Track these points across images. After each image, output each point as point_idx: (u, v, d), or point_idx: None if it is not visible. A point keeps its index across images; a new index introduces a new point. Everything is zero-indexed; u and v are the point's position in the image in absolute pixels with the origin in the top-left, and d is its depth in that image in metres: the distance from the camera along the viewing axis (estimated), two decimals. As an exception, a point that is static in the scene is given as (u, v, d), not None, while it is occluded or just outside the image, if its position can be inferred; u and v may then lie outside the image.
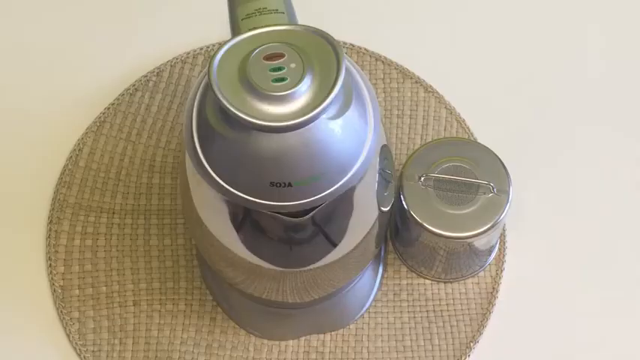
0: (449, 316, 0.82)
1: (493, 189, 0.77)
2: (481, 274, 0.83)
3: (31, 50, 0.92)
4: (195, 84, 0.62)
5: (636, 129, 0.90)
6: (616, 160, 0.89)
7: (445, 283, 0.83)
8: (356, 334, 0.81)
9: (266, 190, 0.59)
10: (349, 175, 0.60)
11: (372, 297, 0.82)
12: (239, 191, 0.60)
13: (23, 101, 0.90)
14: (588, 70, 0.93)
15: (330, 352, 0.81)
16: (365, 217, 0.69)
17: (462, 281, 0.83)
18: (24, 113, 0.90)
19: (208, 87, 0.58)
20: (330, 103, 0.57)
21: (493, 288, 0.83)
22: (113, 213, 0.85)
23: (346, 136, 0.59)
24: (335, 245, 0.68)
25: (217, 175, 0.60)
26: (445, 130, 0.89)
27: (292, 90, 0.57)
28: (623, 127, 0.90)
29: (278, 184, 0.59)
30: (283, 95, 0.57)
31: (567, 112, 0.91)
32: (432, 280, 0.83)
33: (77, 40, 0.92)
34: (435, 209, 0.76)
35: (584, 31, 0.95)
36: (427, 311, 0.82)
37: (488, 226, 0.76)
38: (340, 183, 0.60)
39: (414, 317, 0.82)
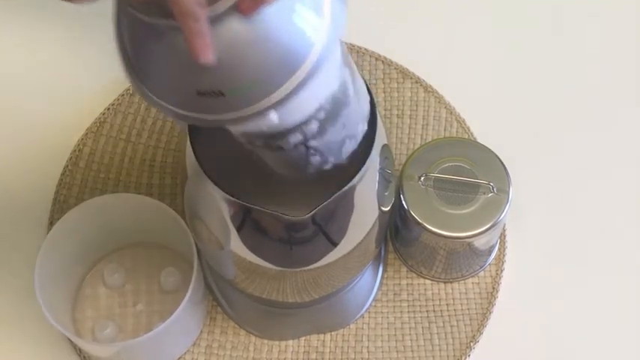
0: (449, 316, 0.82)
1: (493, 189, 0.77)
2: (481, 274, 0.83)
3: (31, 51, 0.92)
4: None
5: (637, 129, 0.90)
6: (616, 160, 0.89)
7: (445, 283, 0.83)
8: (356, 334, 0.81)
9: (194, 100, 0.52)
10: (294, 83, 0.52)
11: (372, 297, 0.82)
12: (167, 103, 0.54)
13: (23, 102, 0.90)
14: (588, 70, 0.93)
15: (330, 352, 0.81)
16: (365, 217, 0.69)
17: (462, 281, 0.83)
18: (24, 114, 0.90)
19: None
20: None
21: (493, 288, 0.83)
22: (113, 213, 0.85)
23: (286, 31, 0.51)
24: (335, 245, 0.68)
25: (147, 87, 0.54)
26: (445, 130, 0.89)
27: None
28: (623, 127, 0.90)
29: (207, 94, 0.52)
30: None
31: (567, 112, 0.91)
32: (432, 280, 0.83)
33: (77, 40, 0.92)
34: (435, 209, 0.76)
35: (585, 31, 0.95)
36: (427, 311, 0.82)
37: (488, 226, 0.76)
38: (284, 90, 0.52)
39: (414, 317, 0.82)
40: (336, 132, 0.58)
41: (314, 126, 0.57)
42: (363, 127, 0.62)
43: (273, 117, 0.54)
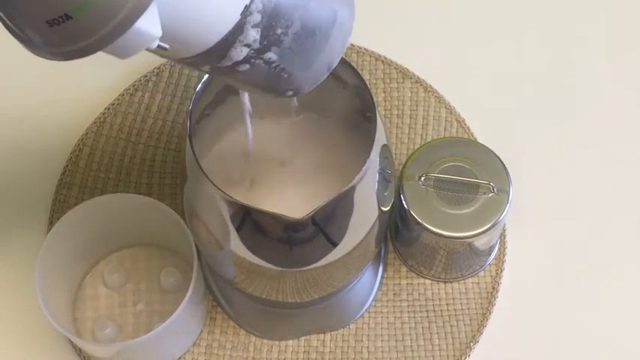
0: (449, 316, 0.82)
1: (493, 189, 0.77)
2: (481, 274, 0.83)
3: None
4: None
5: (637, 129, 0.90)
6: (617, 159, 0.89)
7: (445, 283, 0.83)
8: (356, 334, 0.81)
9: (50, 33, 0.46)
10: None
11: (372, 297, 0.82)
12: (35, 48, 0.48)
13: (23, 102, 0.90)
14: (589, 69, 0.93)
15: (330, 352, 0.81)
16: (365, 217, 0.69)
17: (462, 281, 0.83)
18: (24, 114, 0.90)
19: None
20: None
21: (493, 288, 0.83)
22: (113, 213, 0.85)
23: None
24: (335, 245, 0.68)
25: (20, 39, 0.50)
26: (445, 130, 0.89)
27: None
28: (623, 127, 0.90)
29: (56, 21, 0.45)
30: None
31: (568, 112, 0.91)
32: (432, 280, 0.83)
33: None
34: (435, 209, 0.76)
35: (586, 30, 0.95)
36: (427, 311, 0.82)
37: (488, 226, 0.76)
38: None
39: (414, 317, 0.82)
40: (294, 37, 0.53)
41: (253, 34, 0.51)
42: (344, 20, 0.56)
43: (149, 29, 0.46)
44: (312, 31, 0.54)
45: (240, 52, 0.52)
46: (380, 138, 0.65)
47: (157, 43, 0.47)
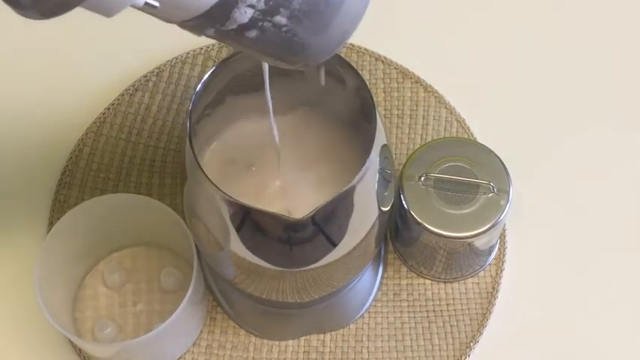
0: (449, 316, 0.82)
1: (493, 189, 0.77)
2: (481, 274, 0.83)
3: (30, 51, 0.92)
4: None
5: (637, 129, 0.90)
6: (616, 160, 0.89)
7: (445, 283, 0.83)
8: (356, 334, 0.81)
9: None
10: None
11: (372, 297, 0.82)
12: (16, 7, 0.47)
13: (23, 102, 0.90)
14: (589, 69, 0.93)
15: (330, 352, 0.81)
16: (365, 217, 0.69)
17: (462, 281, 0.83)
18: (24, 114, 0.90)
19: None
20: None
21: (493, 288, 0.83)
22: (113, 213, 0.85)
23: None
24: (335, 245, 0.68)
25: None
26: (445, 130, 0.89)
27: None
28: (623, 127, 0.90)
29: None
30: None
31: (568, 112, 0.91)
32: (432, 280, 0.83)
33: (77, 40, 0.92)
34: (435, 209, 0.76)
35: (585, 30, 0.95)
36: (427, 311, 0.82)
37: (488, 226, 0.76)
38: None
39: (414, 317, 0.82)
40: None
41: None
42: None
43: None
44: None
45: (244, 14, 0.49)
46: (380, 138, 0.65)
47: None
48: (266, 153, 0.74)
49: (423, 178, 0.77)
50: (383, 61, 0.92)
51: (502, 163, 0.78)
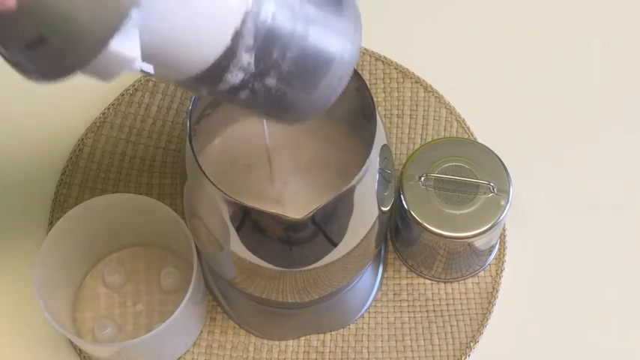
0: (449, 316, 0.82)
1: (493, 189, 0.77)
2: (481, 274, 0.83)
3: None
4: None
5: (637, 129, 0.90)
6: (616, 159, 0.89)
7: (445, 283, 0.83)
8: (356, 334, 0.81)
9: (31, 55, 0.48)
10: (117, 6, 0.45)
11: (372, 297, 0.82)
12: (21, 70, 0.50)
13: (23, 102, 0.90)
14: (589, 69, 0.93)
15: (330, 352, 0.81)
16: (365, 217, 0.69)
17: (462, 281, 0.83)
18: (24, 114, 0.90)
19: None
20: None
21: (493, 288, 0.83)
22: (113, 213, 0.85)
23: None
24: (335, 245, 0.68)
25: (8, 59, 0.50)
26: (445, 130, 0.89)
27: None
28: (623, 127, 0.90)
29: (33, 44, 0.47)
30: None
31: (568, 112, 0.91)
32: (432, 280, 0.83)
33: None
34: (435, 209, 0.76)
35: (586, 31, 0.95)
36: (427, 311, 0.82)
37: (488, 226, 0.76)
38: (109, 20, 0.45)
39: (414, 317, 0.82)
40: (293, 60, 0.52)
41: (246, 57, 0.50)
42: (346, 46, 0.54)
43: (124, 50, 0.46)
44: (313, 55, 0.53)
45: (235, 76, 0.51)
46: (380, 138, 0.65)
47: (138, 65, 0.47)
48: (266, 153, 0.74)
49: (423, 178, 0.77)
50: (383, 61, 0.92)
51: (502, 163, 0.78)
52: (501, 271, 0.84)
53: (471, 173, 0.78)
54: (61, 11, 0.45)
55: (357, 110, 0.71)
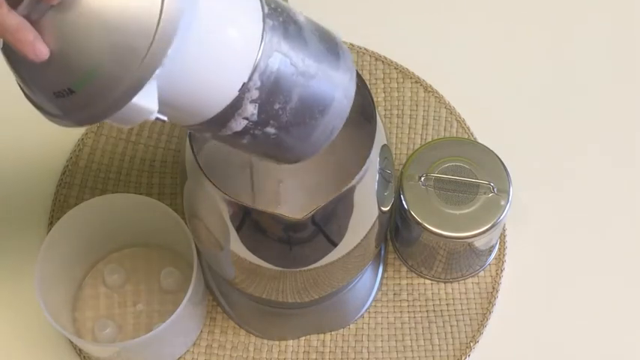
0: (449, 316, 0.82)
1: (493, 189, 0.77)
2: (481, 274, 0.83)
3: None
4: None
5: (637, 129, 0.90)
6: (617, 159, 0.89)
7: (445, 283, 0.83)
8: (356, 334, 0.81)
9: (57, 103, 0.51)
10: (143, 64, 0.48)
11: (372, 297, 0.82)
12: (47, 114, 0.53)
13: (23, 102, 0.90)
14: (589, 70, 0.93)
15: (330, 352, 0.81)
16: (365, 217, 0.69)
17: (462, 281, 0.83)
18: (24, 114, 0.90)
19: None
20: None
21: (493, 288, 0.83)
22: (113, 213, 0.85)
23: (114, 7, 0.48)
24: (335, 245, 0.68)
25: (33, 103, 0.54)
26: (445, 130, 0.89)
27: None
28: (623, 127, 0.90)
29: (61, 94, 0.50)
30: None
31: (568, 112, 0.91)
32: (432, 280, 0.83)
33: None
34: (435, 209, 0.76)
35: (586, 31, 0.95)
36: (427, 311, 0.82)
37: (488, 226, 0.76)
38: (134, 74, 0.48)
39: (414, 317, 0.82)
40: (292, 111, 0.55)
41: (250, 108, 0.54)
42: (341, 98, 0.57)
43: (145, 104, 0.49)
44: (311, 106, 0.56)
45: (239, 124, 0.54)
46: (380, 138, 0.65)
47: (155, 115, 0.50)
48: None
49: (423, 178, 0.77)
50: (383, 61, 0.92)
51: (502, 163, 0.78)
52: (501, 271, 0.84)
53: (471, 173, 0.78)
54: (89, 67, 0.48)
55: (357, 110, 0.71)
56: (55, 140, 0.88)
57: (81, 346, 0.79)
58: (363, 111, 0.68)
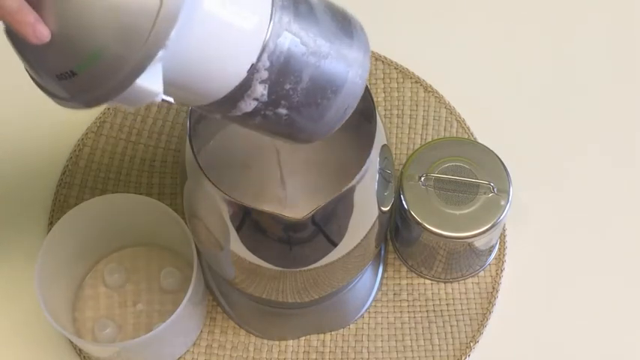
0: (449, 316, 0.82)
1: (493, 189, 0.77)
2: (481, 274, 0.83)
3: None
4: None
5: (637, 129, 0.90)
6: (617, 159, 0.89)
7: (445, 283, 0.83)
8: (356, 334, 0.81)
9: (61, 86, 0.51)
10: (147, 44, 0.47)
11: (372, 297, 0.82)
12: (51, 96, 0.53)
13: (23, 102, 0.90)
14: (589, 70, 0.93)
15: (330, 352, 0.81)
16: (365, 217, 0.69)
17: (462, 281, 0.83)
18: (24, 114, 0.90)
19: None
20: None
21: (493, 288, 0.83)
22: (113, 213, 0.85)
23: None
24: (335, 245, 0.68)
25: (37, 83, 0.53)
26: (445, 130, 0.89)
27: None
28: (623, 127, 0.90)
29: (64, 76, 0.50)
30: None
31: (568, 112, 0.91)
32: (432, 280, 0.83)
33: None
34: (435, 209, 0.76)
35: (587, 30, 0.95)
36: (427, 311, 0.82)
37: (488, 226, 0.76)
38: (139, 56, 0.48)
39: (414, 317, 0.82)
40: (304, 92, 0.54)
41: (260, 89, 0.53)
42: (355, 77, 0.56)
43: (149, 86, 0.49)
44: (323, 87, 0.55)
45: (249, 105, 0.54)
46: (380, 138, 0.65)
47: (160, 97, 0.50)
48: (266, 153, 0.74)
49: (423, 178, 0.77)
50: (383, 61, 0.92)
51: (502, 163, 0.78)
52: (501, 271, 0.84)
53: (471, 173, 0.78)
54: (91, 49, 0.48)
55: (357, 110, 0.71)
56: (55, 140, 0.88)
57: (81, 346, 0.79)
58: (363, 111, 0.68)
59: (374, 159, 0.65)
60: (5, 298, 0.82)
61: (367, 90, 0.66)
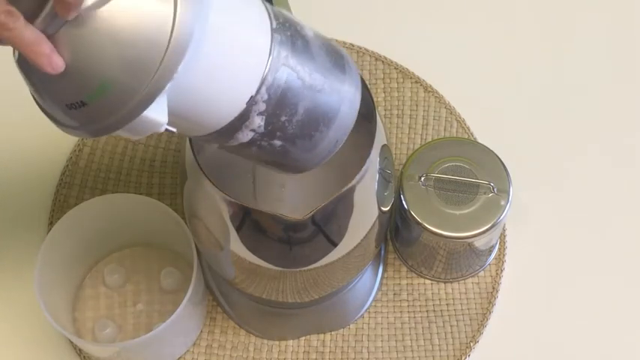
0: (449, 316, 0.82)
1: (493, 189, 0.77)
2: (481, 274, 0.83)
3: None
4: None
5: (637, 129, 0.90)
6: (617, 159, 0.89)
7: (445, 283, 0.83)
8: (356, 334, 0.81)
9: (70, 115, 0.51)
10: (155, 77, 0.49)
11: (372, 297, 0.82)
12: (59, 125, 0.53)
13: (23, 102, 0.90)
14: (589, 70, 0.93)
15: (330, 352, 0.81)
16: (365, 217, 0.69)
17: (462, 281, 0.83)
18: (24, 114, 0.90)
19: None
20: None
21: (493, 288, 0.83)
22: (113, 213, 0.85)
23: (128, 23, 0.49)
24: (335, 245, 0.68)
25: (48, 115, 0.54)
26: (445, 130, 0.89)
27: None
28: (623, 127, 0.90)
29: (74, 106, 0.51)
30: None
31: (568, 112, 0.91)
32: (432, 280, 0.83)
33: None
34: (435, 209, 0.76)
35: (587, 30, 0.95)
36: (427, 311, 0.82)
37: (488, 226, 0.76)
38: (147, 87, 0.49)
39: (414, 317, 0.82)
40: (299, 124, 0.56)
41: (257, 120, 0.55)
42: (346, 111, 0.58)
43: (155, 117, 0.50)
44: (316, 119, 0.57)
45: (246, 135, 0.55)
46: (380, 138, 0.65)
47: (164, 127, 0.51)
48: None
49: (423, 178, 0.77)
50: (383, 61, 0.92)
51: (502, 163, 0.78)
52: (501, 271, 0.84)
53: (471, 173, 0.78)
54: (102, 81, 0.49)
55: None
56: (55, 140, 0.88)
57: (81, 346, 0.79)
58: (363, 111, 0.68)
59: (374, 159, 0.65)
60: (5, 298, 0.82)
61: (367, 90, 0.66)
